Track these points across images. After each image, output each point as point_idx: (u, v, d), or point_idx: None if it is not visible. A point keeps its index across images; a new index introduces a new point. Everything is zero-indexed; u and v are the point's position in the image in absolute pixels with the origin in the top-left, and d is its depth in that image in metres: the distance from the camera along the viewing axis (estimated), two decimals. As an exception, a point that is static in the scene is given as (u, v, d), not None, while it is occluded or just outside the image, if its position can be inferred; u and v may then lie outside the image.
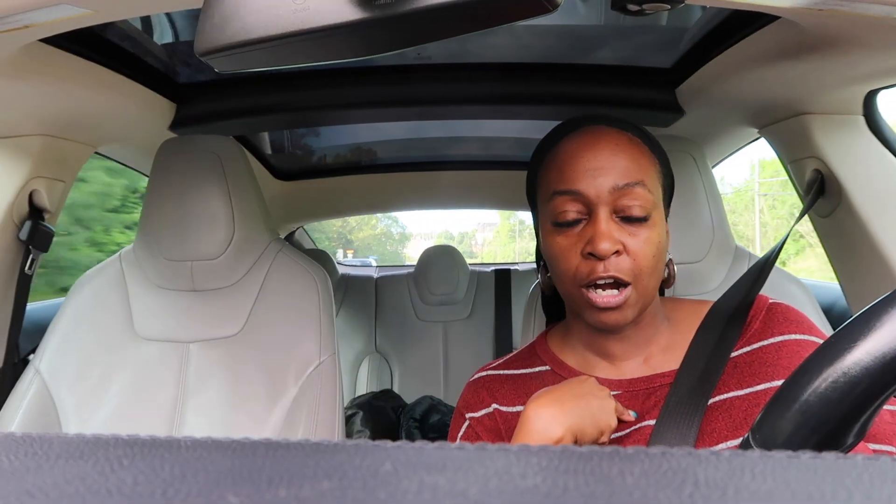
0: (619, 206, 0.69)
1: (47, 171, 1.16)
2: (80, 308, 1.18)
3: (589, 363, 0.80)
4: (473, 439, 0.78)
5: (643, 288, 0.70)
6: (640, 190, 0.69)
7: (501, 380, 0.83)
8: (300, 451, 0.21)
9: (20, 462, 0.20)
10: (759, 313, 0.76)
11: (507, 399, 0.81)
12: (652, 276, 0.71)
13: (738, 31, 0.94)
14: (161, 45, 1.15)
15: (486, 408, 0.81)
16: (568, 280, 0.72)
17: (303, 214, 2.45)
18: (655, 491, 0.17)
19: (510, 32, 1.16)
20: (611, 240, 0.67)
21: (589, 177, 0.70)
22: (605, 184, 0.69)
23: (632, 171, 0.70)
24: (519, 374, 0.83)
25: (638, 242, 0.69)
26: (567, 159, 0.72)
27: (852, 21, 0.70)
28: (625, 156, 0.71)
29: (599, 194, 0.69)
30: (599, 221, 0.69)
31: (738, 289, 0.80)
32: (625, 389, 0.75)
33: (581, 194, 0.70)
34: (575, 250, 0.71)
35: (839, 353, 0.35)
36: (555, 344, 0.85)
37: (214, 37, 0.39)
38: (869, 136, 1.03)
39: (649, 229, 0.70)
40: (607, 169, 0.70)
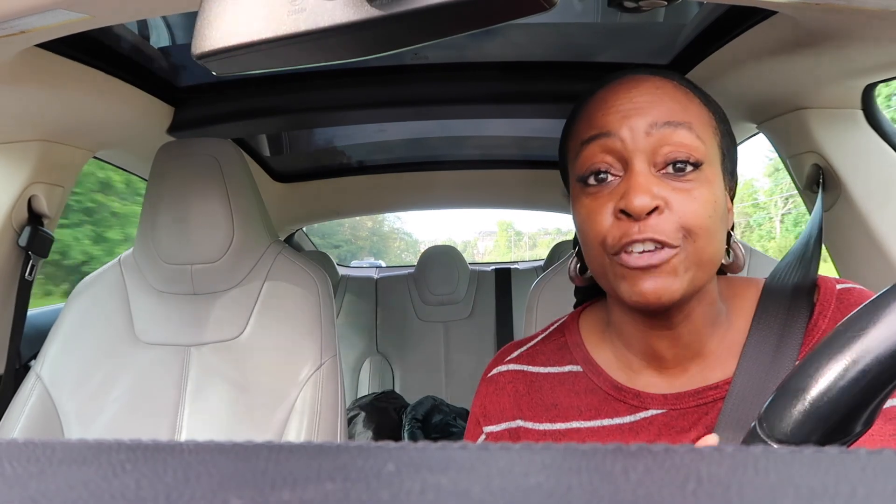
0: (659, 155, 0.56)
1: (46, 176, 1.16)
2: (81, 313, 1.17)
3: (631, 369, 0.66)
4: None
5: (694, 255, 0.55)
6: (684, 132, 0.56)
7: (526, 380, 0.70)
8: (303, 454, 0.21)
9: (23, 468, 0.20)
10: (827, 306, 0.61)
11: (533, 411, 0.68)
12: (708, 242, 0.56)
13: (735, 27, 0.94)
14: (158, 48, 1.15)
15: (507, 421, 0.68)
16: (596, 249, 0.59)
17: (302, 216, 2.45)
18: (659, 488, 0.17)
19: (507, 31, 1.16)
20: (648, 193, 0.54)
21: (621, 117, 0.57)
22: (642, 123, 0.56)
23: (674, 112, 0.57)
24: (546, 374, 0.69)
25: (685, 199, 0.55)
26: (598, 105, 0.60)
27: (849, 15, 0.70)
28: (668, 98, 0.58)
29: (635, 136, 0.56)
30: (635, 173, 0.55)
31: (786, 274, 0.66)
32: (671, 406, 0.62)
33: (612, 136, 0.57)
34: (605, 211, 0.57)
35: (848, 341, 0.35)
36: (589, 335, 0.71)
37: (211, 40, 0.38)
38: (868, 129, 1.03)
39: (700, 185, 0.56)
40: (644, 108, 0.57)
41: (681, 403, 0.61)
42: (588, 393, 0.66)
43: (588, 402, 0.65)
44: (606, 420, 0.64)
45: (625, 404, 0.64)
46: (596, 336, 0.70)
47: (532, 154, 2.06)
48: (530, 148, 2.00)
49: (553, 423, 0.66)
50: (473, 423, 0.72)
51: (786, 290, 0.64)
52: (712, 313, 0.63)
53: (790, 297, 0.63)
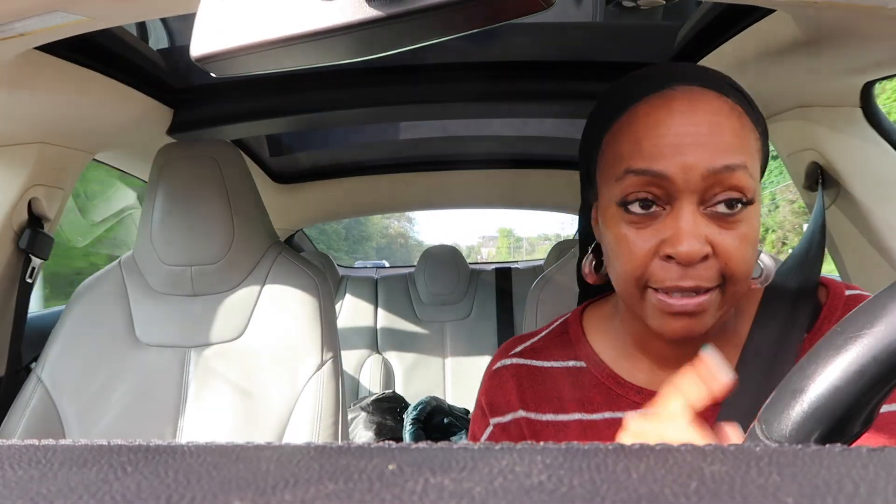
0: (710, 195, 0.53)
1: (46, 178, 1.16)
2: (82, 315, 1.17)
3: (633, 365, 0.66)
4: None
5: (731, 294, 0.55)
6: (741, 175, 0.52)
7: (530, 374, 0.70)
8: (304, 455, 0.21)
9: (24, 471, 0.20)
10: (834, 310, 0.60)
11: (535, 402, 0.68)
12: (745, 279, 0.55)
13: (734, 25, 0.94)
14: (157, 50, 1.15)
15: (512, 412, 0.68)
16: (632, 280, 0.56)
17: (302, 217, 2.45)
18: (661, 486, 0.17)
19: (506, 32, 1.16)
20: (699, 240, 0.52)
21: (677, 154, 0.52)
22: (699, 165, 0.52)
23: (733, 149, 0.52)
24: (549, 369, 0.69)
25: (732, 241, 0.53)
26: (649, 128, 0.54)
27: (847, 13, 0.70)
28: (725, 130, 0.53)
29: (689, 179, 0.52)
30: (684, 215, 0.52)
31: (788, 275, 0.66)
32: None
33: (665, 177, 0.53)
34: (647, 247, 0.54)
35: (846, 342, 0.35)
36: (593, 331, 0.70)
37: (210, 42, 0.38)
38: (867, 127, 1.03)
39: (747, 224, 0.53)
40: (703, 146, 0.52)
41: None
42: (590, 387, 0.66)
43: (590, 395, 0.66)
44: (608, 413, 0.64)
45: (626, 399, 0.64)
46: (599, 332, 0.70)
47: (535, 154, 2.06)
48: (531, 146, 2.00)
49: (556, 414, 0.66)
50: (480, 413, 0.72)
51: (788, 292, 0.63)
52: (723, 320, 0.62)
53: (792, 300, 0.62)
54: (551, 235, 64.69)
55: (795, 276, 0.65)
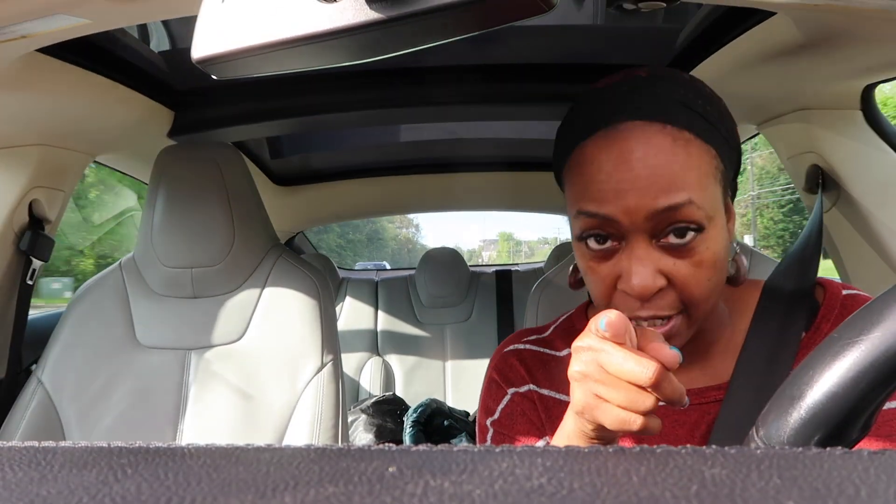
0: (660, 229, 0.55)
1: (47, 180, 1.16)
2: (82, 317, 1.17)
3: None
4: (519, 417, 0.69)
5: (697, 314, 0.57)
6: (686, 210, 0.53)
7: (537, 359, 0.73)
8: (304, 457, 0.21)
9: (24, 472, 0.20)
10: (831, 310, 0.61)
11: (543, 380, 0.71)
12: (709, 300, 0.57)
13: (734, 29, 0.94)
14: (158, 52, 1.15)
15: (525, 384, 0.71)
16: (602, 307, 0.59)
17: (302, 220, 2.45)
18: (662, 489, 0.17)
19: (504, 34, 1.16)
20: (651, 276, 0.54)
21: (619, 198, 0.54)
22: (641, 208, 0.54)
23: (675, 187, 0.53)
24: (559, 357, 0.72)
25: (688, 269, 0.55)
26: (592, 172, 0.56)
27: (848, 16, 0.70)
28: (667, 167, 0.54)
29: (634, 221, 0.54)
30: (636, 251, 0.55)
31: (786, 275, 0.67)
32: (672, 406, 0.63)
33: (612, 220, 0.55)
34: (607, 281, 0.58)
35: (843, 348, 0.35)
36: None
37: (211, 44, 0.39)
38: (867, 129, 1.03)
39: (703, 249, 0.55)
40: (643, 189, 0.53)
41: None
42: None
43: None
44: None
45: None
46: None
47: (536, 157, 2.06)
48: (528, 149, 2.00)
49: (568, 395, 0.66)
50: (495, 386, 0.73)
51: (785, 292, 0.64)
52: (716, 318, 0.64)
53: (789, 300, 0.63)
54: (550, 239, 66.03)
55: (792, 276, 0.66)
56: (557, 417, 0.66)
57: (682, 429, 0.62)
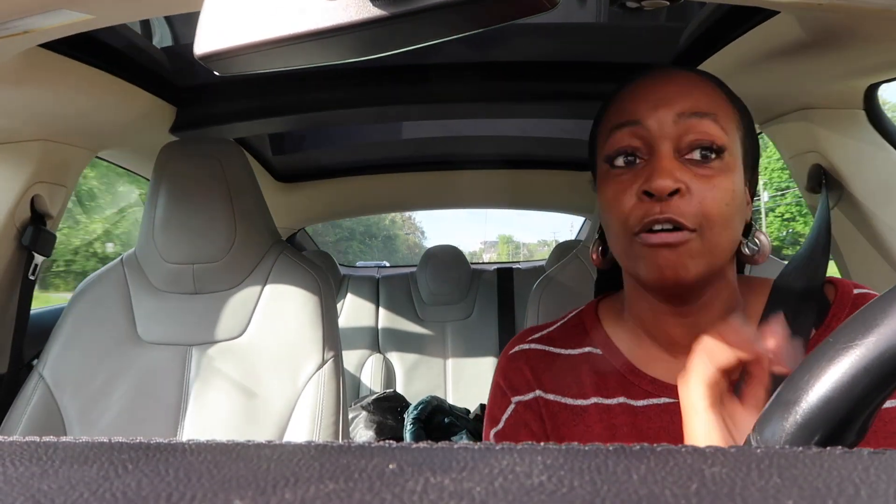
0: (684, 142, 0.59)
1: (49, 176, 1.16)
2: (83, 313, 1.18)
3: (646, 353, 0.67)
4: (522, 428, 0.69)
5: (710, 240, 0.57)
6: (709, 122, 0.58)
7: (545, 359, 0.72)
8: (304, 453, 0.21)
9: (25, 467, 0.20)
10: (843, 307, 0.63)
11: (550, 384, 0.70)
12: (724, 229, 0.58)
13: (738, 27, 0.94)
14: (161, 48, 1.15)
15: (530, 392, 0.70)
16: (620, 228, 0.61)
17: (304, 216, 2.46)
18: (662, 488, 0.17)
19: (507, 32, 1.16)
20: (671, 176, 0.57)
21: (651, 107, 0.60)
22: (670, 112, 0.59)
23: (702, 103, 0.59)
24: (566, 356, 0.72)
25: (706, 185, 0.57)
26: (630, 94, 0.63)
27: (851, 15, 0.70)
28: (696, 91, 0.61)
29: (662, 124, 0.59)
30: (660, 157, 0.58)
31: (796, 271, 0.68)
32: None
33: (640, 124, 0.60)
34: (629, 192, 0.60)
35: (838, 352, 0.34)
36: (608, 321, 0.73)
37: (214, 40, 0.38)
38: (870, 129, 1.03)
39: (721, 174, 0.58)
40: (673, 99, 0.60)
41: None
42: (606, 373, 0.68)
43: (606, 381, 0.67)
44: (623, 398, 0.65)
45: (640, 388, 0.65)
46: (613, 323, 0.72)
47: (538, 155, 2.06)
48: (534, 147, 2.00)
49: (575, 399, 0.67)
50: (500, 394, 0.73)
51: (794, 290, 0.65)
52: (730, 303, 0.64)
53: (798, 297, 0.64)
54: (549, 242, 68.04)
55: (801, 275, 0.67)
56: (564, 422, 0.66)
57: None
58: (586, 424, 0.65)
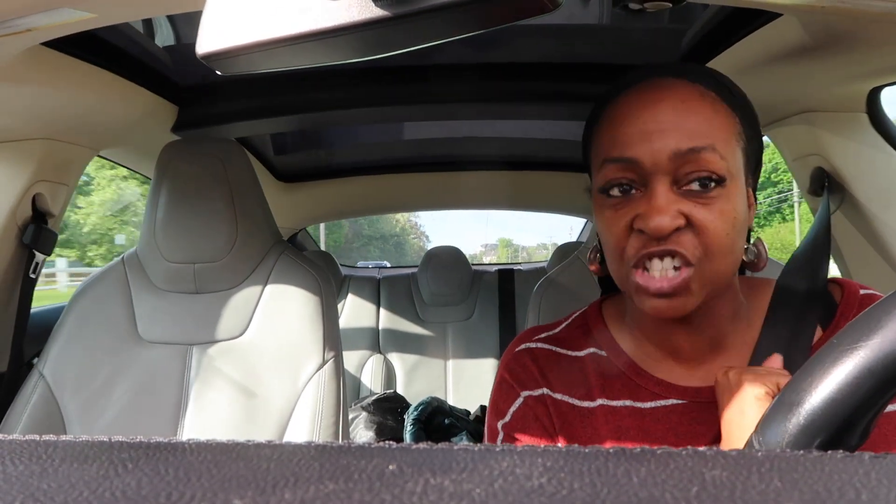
0: (682, 175, 0.56)
1: (50, 174, 1.16)
2: (84, 311, 1.18)
3: (650, 357, 0.67)
4: (532, 421, 0.68)
5: (712, 271, 0.57)
6: (708, 155, 0.55)
7: (551, 359, 0.71)
8: (304, 454, 0.21)
9: (25, 466, 0.20)
10: (851, 307, 0.62)
11: (557, 384, 0.69)
12: (726, 257, 0.57)
13: (740, 29, 0.93)
14: (163, 47, 1.15)
15: (538, 388, 0.70)
16: (616, 260, 0.60)
17: (305, 216, 2.46)
18: (662, 491, 0.17)
19: (509, 33, 1.16)
20: (669, 214, 0.55)
21: (644, 141, 0.57)
22: (664, 149, 0.56)
23: (699, 132, 0.56)
24: (573, 357, 0.71)
25: (708, 215, 0.55)
26: (621, 120, 0.59)
27: (855, 18, 0.70)
28: (692, 114, 0.57)
29: (657, 162, 0.56)
30: (655, 194, 0.56)
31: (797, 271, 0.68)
32: (691, 398, 0.62)
33: (636, 162, 0.57)
34: (624, 224, 0.58)
35: (843, 353, 0.34)
36: (612, 321, 0.72)
37: (216, 40, 0.39)
38: (873, 132, 1.03)
39: (723, 200, 0.56)
40: (668, 131, 0.56)
41: (700, 397, 0.62)
42: (611, 374, 0.67)
43: (611, 382, 0.67)
44: (628, 401, 0.65)
45: (646, 390, 0.65)
46: (617, 324, 0.72)
47: (540, 156, 2.06)
48: (532, 148, 2.00)
49: (582, 400, 0.67)
50: (506, 387, 0.72)
51: (797, 290, 0.65)
52: (733, 307, 0.64)
53: (802, 298, 0.64)
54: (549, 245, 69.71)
55: (803, 276, 0.67)
56: (572, 423, 0.66)
57: (702, 426, 0.61)
58: (594, 427, 0.65)
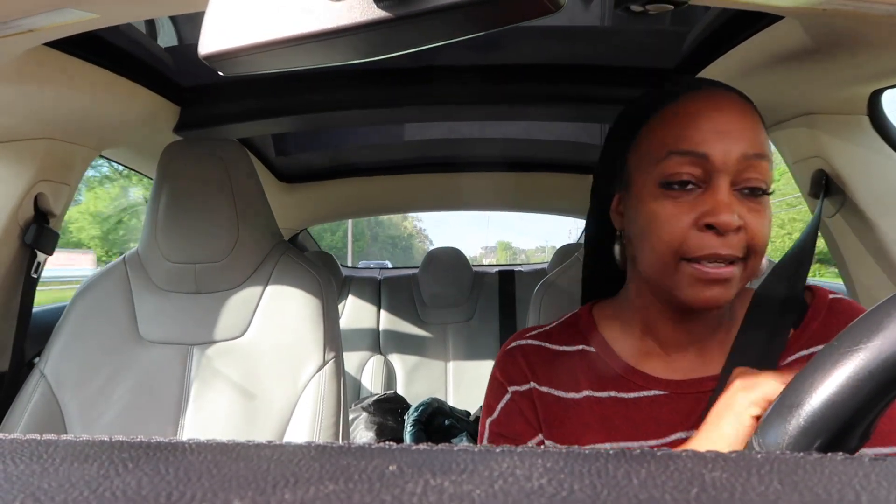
0: (741, 178, 0.61)
1: (52, 174, 1.16)
2: (85, 311, 1.18)
3: (639, 351, 0.72)
4: (517, 416, 0.73)
5: (751, 267, 0.62)
6: (765, 164, 0.61)
7: (541, 354, 0.75)
8: (304, 454, 0.21)
9: (25, 465, 0.20)
10: (819, 311, 0.67)
11: (544, 377, 0.73)
12: (759, 259, 0.63)
13: (742, 32, 0.94)
14: (165, 48, 1.15)
15: (525, 383, 0.74)
16: (668, 252, 0.62)
17: (306, 217, 2.46)
18: (662, 493, 0.17)
19: (511, 34, 1.16)
20: (734, 212, 0.59)
21: (717, 140, 0.61)
22: (735, 150, 0.60)
23: (761, 142, 0.62)
24: (561, 352, 0.75)
25: (757, 220, 0.61)
26: (691, 117, 0.63)
27: (856, 20, 0.70)
28: (755, 125, 0.63)
29: (727, 161, 0.60)
30: (721, 191, 0.60)
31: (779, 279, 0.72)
32: (672, 390, 0.67)
33: (706, 158, 0.60)
34: (686, 219, 0.61)
35: (842, 356, 0.34)
36: (603, 321, 0.77)
37: (218, 40, 0.39)
38: (874, 135, 1.03)
39: (766, 209, 0.62)
40: (737, 134, 0.61)
41: (681, 389, 0.67)
42: (599, 368, 0.72)
43: (599, 375, 0.71)
44: (614, 392, 0.69)
45: (631, 383, 0.69)
46: (607, 324, 0.76)
47: (541, 157, 2.06)
48: (536, 150, 2.00)
49: (567, 392, 0.71)
50: (497, 386, 0.76)
51: (776, 294, 0.70)
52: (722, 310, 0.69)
53: (779, 304, 0.69)
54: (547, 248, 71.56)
55: (782, 283, 0.72)
56: (556, 414, 0.71)
57: (678, 416, 0.66)
58: (578, 415, 0.69)
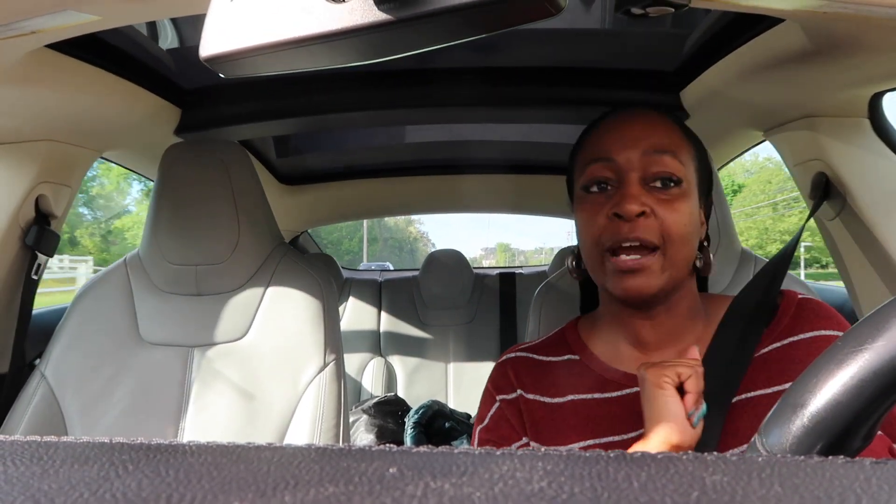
0: (649, 173, 0.70)
1: (53, 176, 1.16)
2: (86, 313, 1.18)
3: (618, 352, 0.78)
4: (503, 421, 0.79)
5: (671, 256, 0.69)
6: (669, 158, 0.70)
7: (528, 364, 0.82)
8: (305, 456, 0.21)
9: (26, 467, 0.20)
10: (788, 309, 0.74)
11: (530, 385, 0.80)
12: (682, 245, 0.70)
13: (743, 34, 0.94)
14: (166, 50, 1.15)
15: (513, 392, 0.80)
16: (592, 245, 0.73)
17: (307, 219, 2.46)
18: (662, 496, 0.17)
19: (512, 37, 1.16)
20: (637, 201, 0.68)
21: (621, 144, 0.72)
22: (637, 149, 0.71)
23: (662, 142, 0.71)
24: (546, 362, 0.82)
25: (668, 208, 0.69)
26: (603, 131, 0.75)
27: (857, 23, 0.70)
28: (658, 129, 0.73)
29: (631, 159, 0.71)
30: (628, 184, 0.70)
31: (757, 285, 0.78)
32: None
33: (612, 160, 0.72)
34: (601, 214, 0.71)
35: (848, 355, 0.34)
36: (585, 331, 0.84)
37: (219, 43, 0.39)
38: (874, 138, 1.03)
39: (679, 199, 0.70)
40: (639, 138, 0.72)
41: None
42: (583, 374, 0.78)
43: (583, 381, 0.78)
44: (598, 394, 0.75)
45: (614, 382, 0.76)
46: (589, 334, 0.83)
47: (541, 160, 2.06)
48: (535, 152, 2.00)
49: (552, 398, 0.77)
50: (488, 397, 0.84)
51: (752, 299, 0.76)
52: (692, 306, 0.76)
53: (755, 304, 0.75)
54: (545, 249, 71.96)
55: (761, 290, 0.77)
56: (541, 418, 0.77)
57: None
58: (563, 418, 0.75)
